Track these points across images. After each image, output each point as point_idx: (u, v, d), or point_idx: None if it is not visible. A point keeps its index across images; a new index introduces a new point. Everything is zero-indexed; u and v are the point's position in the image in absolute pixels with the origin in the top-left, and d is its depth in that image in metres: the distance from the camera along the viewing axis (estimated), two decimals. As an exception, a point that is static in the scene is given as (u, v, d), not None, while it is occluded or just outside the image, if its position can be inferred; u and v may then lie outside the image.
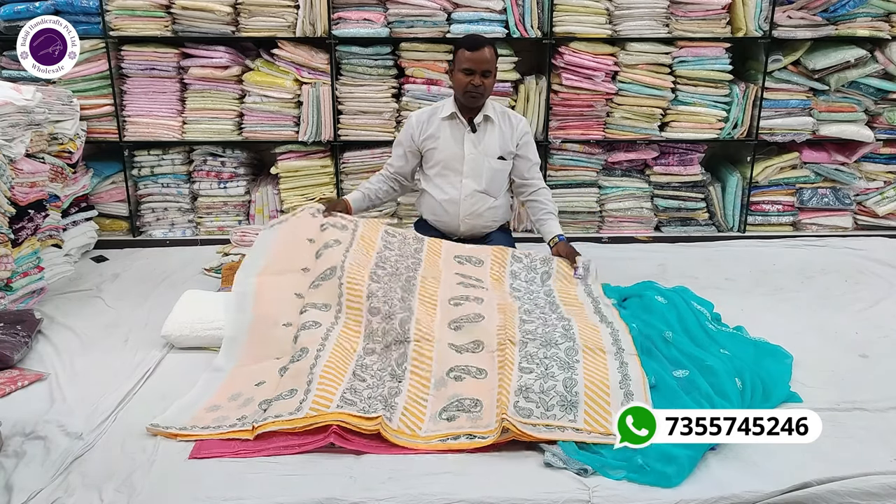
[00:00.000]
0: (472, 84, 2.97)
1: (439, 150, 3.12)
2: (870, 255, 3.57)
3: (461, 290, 2.68)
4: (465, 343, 2.41)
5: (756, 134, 3.94)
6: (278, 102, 3.82)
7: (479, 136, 3.10)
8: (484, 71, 2.96)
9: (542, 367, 2.27)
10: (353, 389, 2.19)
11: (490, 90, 3.04)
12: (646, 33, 3.76)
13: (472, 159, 3.10)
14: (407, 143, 3.18)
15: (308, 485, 1.89)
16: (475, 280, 2.79)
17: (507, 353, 2.33)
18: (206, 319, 2.65)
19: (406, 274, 2.74)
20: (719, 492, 1.86)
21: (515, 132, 3.13)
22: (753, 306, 2.98)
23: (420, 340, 2.40)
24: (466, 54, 2.96)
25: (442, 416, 2.14)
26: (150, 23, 3.69)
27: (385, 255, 2.83)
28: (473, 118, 3.08)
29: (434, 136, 3.12)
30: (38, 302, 3.09)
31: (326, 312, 2.53)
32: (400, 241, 2.98)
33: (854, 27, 3.78)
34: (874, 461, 1.98)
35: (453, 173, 3.13)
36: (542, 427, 2.05)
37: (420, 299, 2.59)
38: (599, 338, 2.42)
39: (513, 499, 1.84)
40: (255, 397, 2.26)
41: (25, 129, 3.14)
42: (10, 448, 2.05)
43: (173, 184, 3.97)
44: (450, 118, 3.10)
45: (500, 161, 3.13)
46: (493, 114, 3.11)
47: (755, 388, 2.24)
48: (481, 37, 3.05)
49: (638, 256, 3.65)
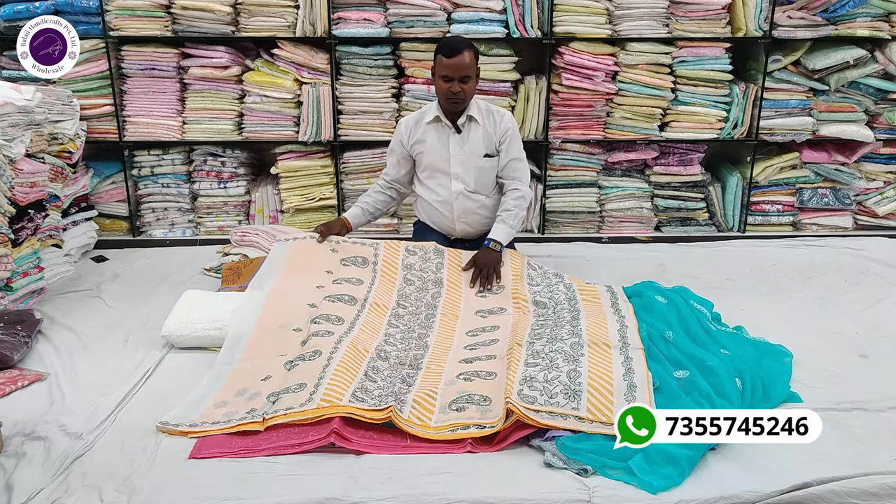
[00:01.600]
0: (451, 91, 2.95)
1: (426, 153, 3.13)
2: (870, 255, 3.57)
3: (479, 321, 2.69)
4: (476, 356, 2.45)
5: (756, 134, 3.94)
6: (278, 102, 3.82)
7: (463, 136, 3.10)
8: (462, 77, 2.93)
9: (546, 361, 2.32)
10: (364, 388, 2.22)
11: (471, 93, 3.02)
12: (646, 33, 3.76)
13: (459, 160, 3.11)
14: (399, 150, 3.19)
15: (308, 485, 1.89)
16: (497, 309, 2.76)
17: (514, 353, 2.37)
18: (206, 319, 2.65)
19: (426, 311, 2.77)
20: (719, 492, 1.86)
21: (499, 128, 3.12)
22: (753, 306, 2.98)
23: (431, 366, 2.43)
24: (444, 61, 2.93)
25: (451, 408, 2.17)
26: (150, 23, 3.69)
27: (405, 293, 2.86)
28: (457, 120, 3.08)
29: (421, 140, 3.13)
30: (38, 302, 3.09)
31: (339, 325, 2.57)
32: (421, 261, 3.01)
33: (854, 27, 3.78)
34: (874, 461, 1.98)
35: (442, 175, 3.14)
36: (545, 413, 2.08)
37: (438, 336, 2.61)
38: (606, 333, 2.48)
39: (513, 499, 1.85)
40: (262, 391, 2.26)
41: (25, 129, 3.14)
42: (10, 448, 2.05)
43: (173, 184, 3.97)
44: (434, 121, 3.10)
45: (487, 159, 3.13)
46: (476, 113, 3.09)
47: (755, 388, 2.24)
48: (459, 40, 3.03)
49: (638, 256, 3.65)
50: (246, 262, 3.23)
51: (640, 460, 1.93)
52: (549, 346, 2.41)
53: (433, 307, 2.79)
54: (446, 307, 2.78)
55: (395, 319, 2.70)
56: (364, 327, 2.58)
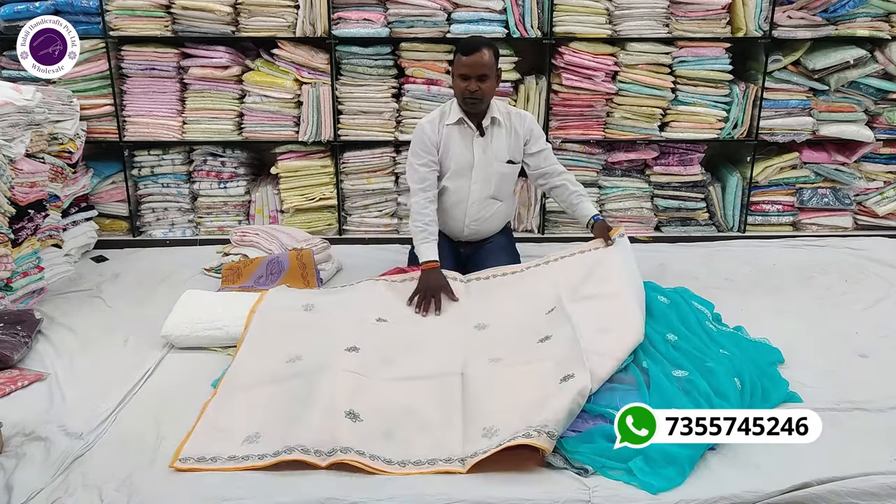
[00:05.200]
0: (468, 90, 2.85)
1: (450, 156, 3.02)
2: (870, 255, 3.56)
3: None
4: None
5: (756, 134, 3.94)
6: (278, 102, 3.82)
7: (487, 139, 3.01)
8: (480, 75, 2.84)
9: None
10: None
11: (490, 94, 2.92)
12: (646, 33, 3.76)
13: (482, 164, 3.02)
14: (428, 154, 3.00)
15: (308, 485, 1.89)
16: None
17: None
18: (206, 319, 2.65)
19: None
20: (719, 492, 1.86)
21: (522, 131, 3.03)
22: (753, 306, 2.98)
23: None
24: (462, 59, 2.84)
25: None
26: (150, 23, 3.69)
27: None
28: (481, 121, 2.99)
29: (446, 141, 3.01)
30: (38, 302, 3.09)
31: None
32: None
33: (854, 27, 3.78)
34: (874, 461, 1.98)
35: (462, 178, 3.04)
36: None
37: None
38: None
39: (513, 499, 1.84)
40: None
41: (25, 129, 3.14)
42: (10, 448, 2.05)
43: (173, 184, 3.97)
44: (457, 123, 3.00)
45: (510, 165, 3.06)
46: (499, 115, 3.00)
47: (754, 389, 2.24)
48: (479, 39, 2.94)
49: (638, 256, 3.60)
50: (246, 262, 3.23)
51: (641, 461, 1.93)
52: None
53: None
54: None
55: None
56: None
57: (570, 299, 2.61)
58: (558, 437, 1.97)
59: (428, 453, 2.02)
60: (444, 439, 2.07)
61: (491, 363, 2.40)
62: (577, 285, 2.74)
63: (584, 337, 2.33)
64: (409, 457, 2.01)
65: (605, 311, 2.52)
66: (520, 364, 2.35)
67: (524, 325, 2.60)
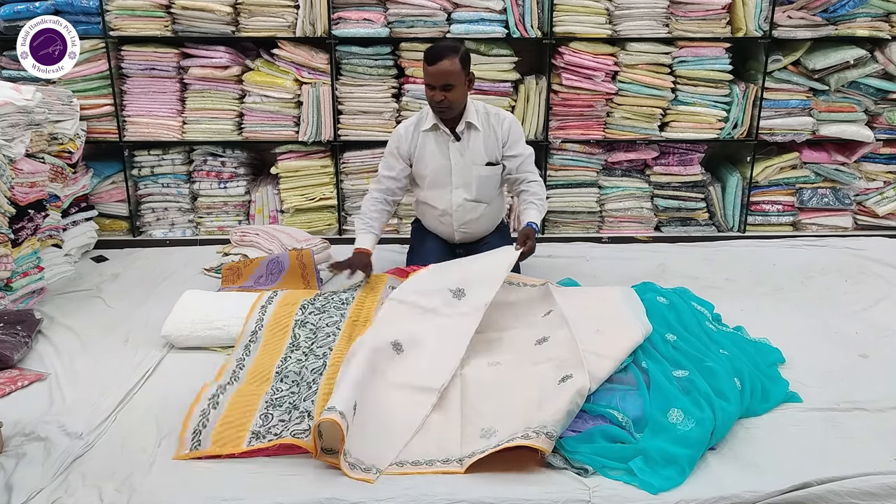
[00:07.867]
0: (433, 99, 2.84)
1: (426, 163, 3.02)
2: (870, 255, 3.57)
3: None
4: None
5: (756, 134, 3.94)
6: (278, 102, 3.82)
7: (463, 144, 2.99)
8: (444, 85, 2.79)
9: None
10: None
11: (459, 101, 2.88)
12: (646, 33, 3.76)
13: (460, 169, 3.01)
14: (397, 160, 3.04)
15: (308, 485, 1.89)
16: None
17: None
18: (206, 319, 2.65)
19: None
20: (719, 492, 1.86)
21: (501, 132, 3.01)
22: (753, 306, 2.98)
23: None
24: (427, 68, 2.80)
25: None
26: (150, 23, 3.69)
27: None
28: (455, 127, 2.98)
29: (420, 148, 3.02)
30: (38, 302, 3.09)
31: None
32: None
33: (854, 27, 3.78)
34: (874, 461, 1.97)
35: (443, 185, 3.05)
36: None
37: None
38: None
39: (513, 499, 1.84)
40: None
41: (25, 129, 3.14)
42: (10, 448, 2.05)
43: (173, 184, 3.97)
44: (433, 129, 2.98)
45: (489, 167, 3.04)
46: (475, 119, 2.96)
47: (754, 389, 2.24)
48: (441, 47, 2.84)
49: (638, 256, 3.64)
50: (246, 262, 3.22)
51: (641, 462, 1.93)
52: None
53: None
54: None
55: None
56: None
57: (566, 305, 2.61)
58: (557, 437, 1.97)
59: (426, 454, 2.02)
60: (442, 440, 2.07)
61: (490, 365, 2.40)
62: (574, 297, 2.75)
63: (581, 338, 2.33)
64: (408, 457, 2.01)
65: (602, 314, 2.53)
66: (518, 365, 2.35)
67: (522, 327, 2.60)
